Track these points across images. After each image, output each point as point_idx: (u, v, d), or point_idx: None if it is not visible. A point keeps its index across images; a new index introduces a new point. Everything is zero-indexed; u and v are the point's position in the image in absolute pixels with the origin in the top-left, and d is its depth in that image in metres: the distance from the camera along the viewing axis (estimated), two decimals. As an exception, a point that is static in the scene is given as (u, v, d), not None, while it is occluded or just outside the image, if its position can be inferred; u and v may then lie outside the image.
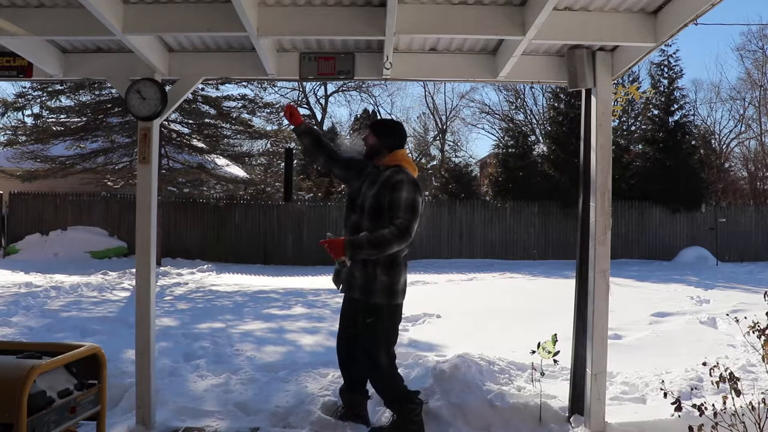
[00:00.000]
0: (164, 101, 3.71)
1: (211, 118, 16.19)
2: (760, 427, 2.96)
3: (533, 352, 4.21)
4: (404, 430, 3.64)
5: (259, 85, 16.88)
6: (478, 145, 68.93)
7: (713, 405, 3.01)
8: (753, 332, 3.14)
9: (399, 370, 4.72)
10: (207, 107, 15.94)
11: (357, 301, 3.59)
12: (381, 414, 3.93)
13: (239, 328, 7.63)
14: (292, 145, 16.04)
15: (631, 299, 9.51)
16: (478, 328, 7.56)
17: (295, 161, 24.52)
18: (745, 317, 3.27)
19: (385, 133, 3.73)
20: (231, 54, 4.00)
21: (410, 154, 33.59)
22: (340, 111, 65.33)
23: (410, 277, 3.15)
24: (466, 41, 3.86)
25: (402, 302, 3.64)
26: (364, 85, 28.32)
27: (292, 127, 3.94)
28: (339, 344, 3.85)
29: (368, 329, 3.57)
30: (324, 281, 12.71)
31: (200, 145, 16.57)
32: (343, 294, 3.78)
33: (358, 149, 3.85)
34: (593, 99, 3.81)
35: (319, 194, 20.13)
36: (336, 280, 3.77)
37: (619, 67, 3.77)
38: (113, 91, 14.24)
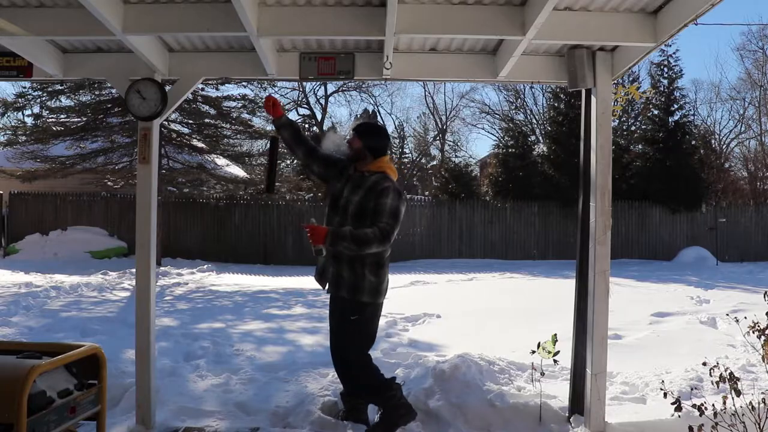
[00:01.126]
0: (164, 101, 3.71)
1: (211, 118, 16.19)
2: (760, 427, 2.96)
3: (533, 352, 4.21)
4: (395, 417, 3.67)
5: (259, 85, 16.88)
6: (478, 145, 69.04)
7: (713, 405, 3.01)
8: (753, 332, 3.14)
9: (399, 370, 4.74)
10: (207, 107, 15.94)
11: (344, 300, 3.63)
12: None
13: (239, 328, 7.63)
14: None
15: (631, 299, 9.51)
16: (478, 328, 7.56)
17: (287, 163, 24.45)
18: (745, 317, 3.27)
19: (370, 137, 3.75)
20: (231, 54, 4.00)
21: (410, 154, 33.59)
22: (340, 111, 65.34)
23: (410, 277, 3.17)
24: (466, 41, 3.86)
25: (383, 301, 3.76)
26: (364, 85, 28.33)
27: (271, 118, 3.90)
28: (333, 351, 3.83)
29: (353, 326, 3.64)
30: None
31: (200, 145, 16.56)
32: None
33: (341, 150, 3.82)
34: (593, 99, 3.81)
35: (319, 194, 20.11)
36: (320, 280, 3.80)
37: (619, 67, 3.77)
38: (113, 91, 14.24)
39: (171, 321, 7.98)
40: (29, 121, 16.62)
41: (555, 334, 4.15)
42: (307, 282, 12.63)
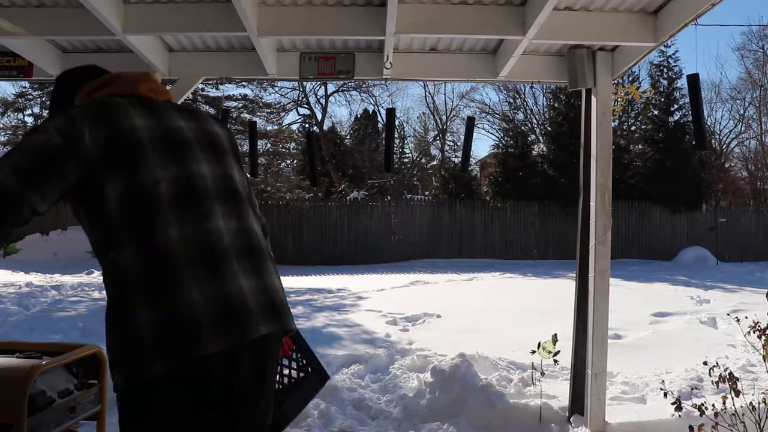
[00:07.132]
0: (164, 101, 3.71)
1: (211, 118, 16.23)
2: (760, 427, 2.96)
3: (533, 352, 4.21)
4: None
5: (259, 85, 16.92)
6: (478, 145, 68.89)
7: (713, 405, 3.01)
8: (753, 332, 3.14)
9: (399, 370, 4.71)
10: (207, 107, 15.96)
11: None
12: None
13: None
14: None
15: (631, 299, 9.50)
16: (478, 328, 7.55)
17: (287, 163, 24.41)
18: (746, 317, 3.27)
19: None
20: (231, 54, 4.00)
21: (410, 154, 33.51)
22: (340, 111, 65.39)
23: (410, 277, 3.05)
24: (466, 41, 3.85)
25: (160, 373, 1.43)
26: (364, 85, 28.27)
27: None
28: None
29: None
30: (324, 281, 12.70)
31: (200, 145, 16.57)
32: None
33: None
34: (593, 99, 3.81)
35: (319, 194, 20.12)
36: None
37: (619, 67, 3.77)
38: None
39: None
40: (29, 121, 16.66)
41: (555, 334, 4.15)
42: (308, 282, 12.63)
